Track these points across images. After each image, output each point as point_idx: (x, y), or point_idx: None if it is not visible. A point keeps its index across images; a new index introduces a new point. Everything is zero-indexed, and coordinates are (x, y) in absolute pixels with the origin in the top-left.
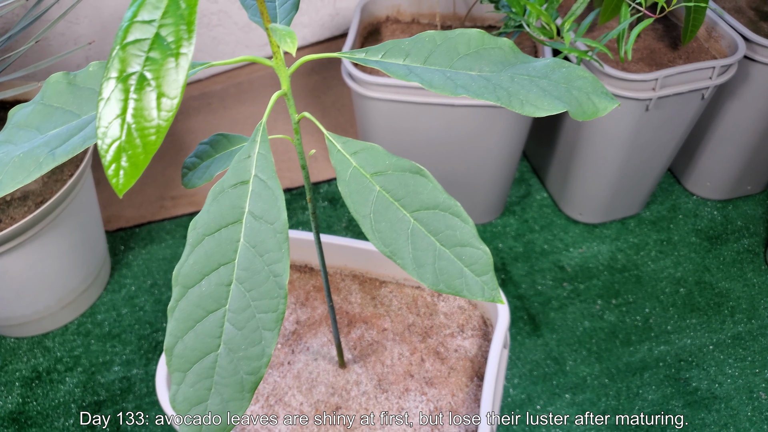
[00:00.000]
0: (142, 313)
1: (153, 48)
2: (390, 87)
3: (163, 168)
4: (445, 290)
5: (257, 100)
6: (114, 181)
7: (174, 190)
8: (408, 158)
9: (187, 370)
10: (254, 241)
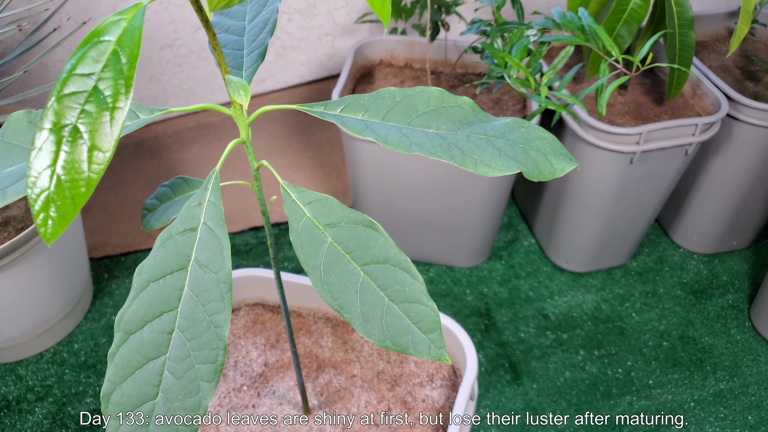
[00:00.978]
0: None
1: (89, 101)
2: None
3: None
4: (391, 347)
5: (252, 134)
6: (42, 230)
7: None
8: (394, 200)
9: (123, 418)
10: (198, 289)
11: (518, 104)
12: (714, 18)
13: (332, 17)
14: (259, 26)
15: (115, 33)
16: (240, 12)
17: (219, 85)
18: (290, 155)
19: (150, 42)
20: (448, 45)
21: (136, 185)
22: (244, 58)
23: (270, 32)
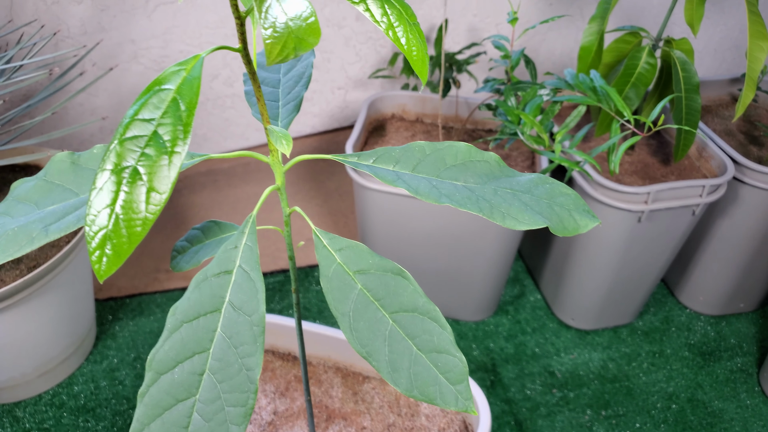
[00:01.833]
0: (121, 388)
1: (149, 145)
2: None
3: (162, 241)
4: (418, 397)
5: (262, 182)
6: (96, 267)
7: (168, 264)
8: (403, 250)
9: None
10: (231, 332)
11: (527, 160)
12: (717, 84)
13: (345, 72)
14: (294, 79)
15: (175, 82)
16: (275, 65)
17: (232, 133)
18: (299, 202)
19: None
20: (459, 102)
21: None
22: (279, 109)
23: (305, 85)
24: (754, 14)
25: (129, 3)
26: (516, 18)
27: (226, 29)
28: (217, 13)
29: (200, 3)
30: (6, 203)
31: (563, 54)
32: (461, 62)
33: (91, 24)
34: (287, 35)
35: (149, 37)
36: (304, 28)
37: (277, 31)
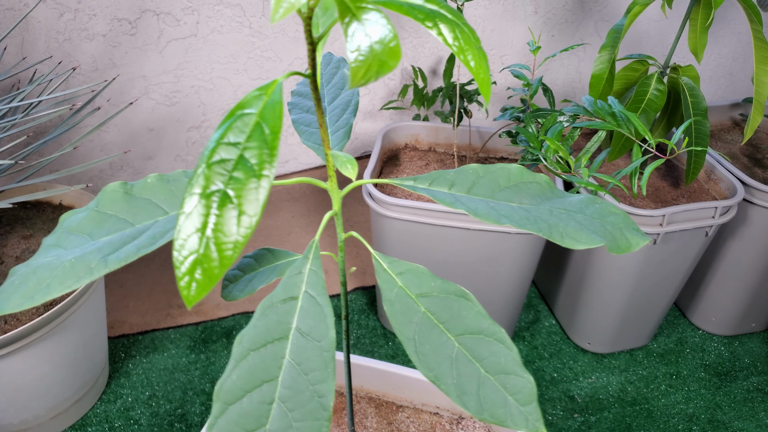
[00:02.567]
0: (137, 427)
1: (237, 168)
2: (408, 208)
3: (173, 276)
4: (489, 420)
5: (272, 214)
6: (185, 293)
7: (181, 299)
8: None
9: None
10: (300, 358)
11: None
12: (719, 109)
13: None
14: (341, 107)
15: (257, 106)
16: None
17: None
18: (311, 234)
19: (178, 123)
20: (471, 131)
21: (155, 263)
22: (330, 136)
23: (353, 113)
24: (760, 40)
25: (141, 39)
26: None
27: (237, 64)
28: (228, 48)
29: (211, 39)
30: (57, 235)
31: (565, 83)
32: (471, 93)
33: (103, 60)
34: (372, 58)
35: (161, 73)
36: (387, 51)
37: (362, 54)
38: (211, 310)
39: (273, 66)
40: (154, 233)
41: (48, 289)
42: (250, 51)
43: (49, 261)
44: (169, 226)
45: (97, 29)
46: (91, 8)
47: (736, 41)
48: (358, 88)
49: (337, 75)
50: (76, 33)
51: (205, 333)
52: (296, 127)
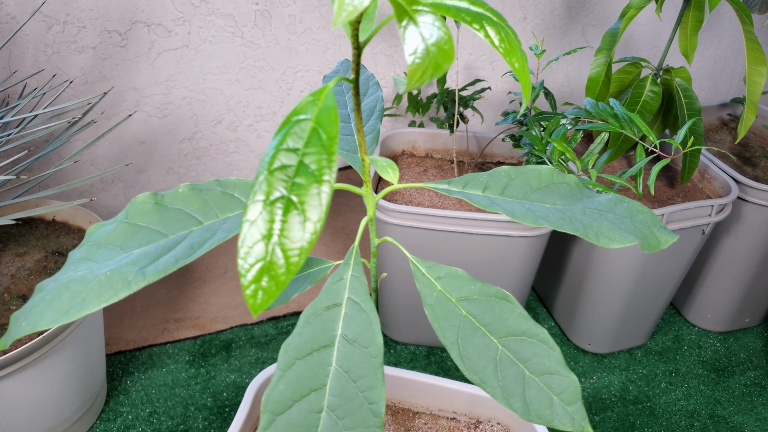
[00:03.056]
0: None
1: (298, 174)
2: (411, 215)
3: (168, 290)
4: (536, 420)
5: None
6: (251, 302)
7: (178, 312)
8: None
9: None
10: (347, 365)
11: None
12: (707, 110)
13: None
14: (367, 113)
15: (312, 111)
16: (339, 101)
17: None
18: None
19: (170, 135)
20: (468, 136)
21: None
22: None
23: (379, 118)
24: (752, 41)
25: (131, 51)
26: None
27: (230, 75)
28: (220, 58)
29: (203, 49)
30: (86, 249)
31: (554, 88)
32: (467, 98)
33: (93, 73)
34: (427, 61)
35: (152, 85)
36: (441, 53)
37: (419, 57)
38: (208, 324)
39: (265, 76)
40: (191, 243)
41: (83, 304)
42: (243, 61)
43: (82, 275)
44: (206, 236)
45: (86, 41)
46: (81, 20)
47: (717, 44)
48: (380, 94)
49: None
50: (65, 46)
51: (203, 347)
52: None
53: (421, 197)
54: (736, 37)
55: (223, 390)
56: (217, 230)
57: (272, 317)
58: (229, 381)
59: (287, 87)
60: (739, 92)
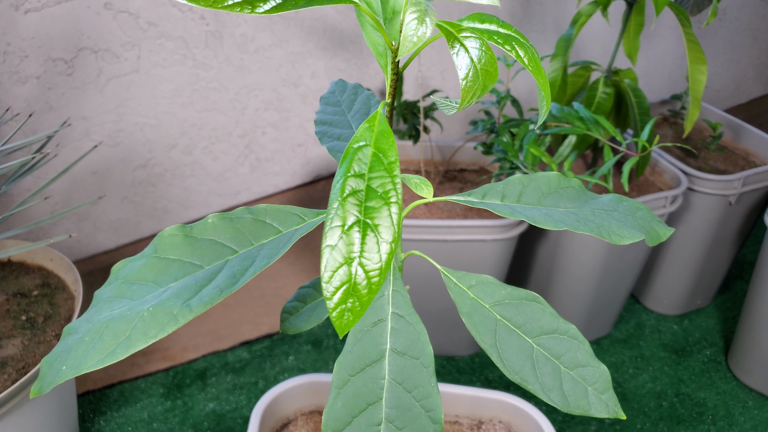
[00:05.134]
0: None
1: (369, 198)
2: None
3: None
4: (575, 411)
5: None
6: (338, 323)
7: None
8: None
9: None
10: (401, 377)
11: None
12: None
13: (304, 129)
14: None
15: (368, 138)
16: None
17: (193, 201)
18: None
19: (123, 163)
20: (432, 146)
21: None
22: None
23: None
24: (692, 42)
25: (79, 79)
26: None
27: (183, 98)
28: (172, 82)
29: (154, 73)
30: (115, 287)
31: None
32: (426, 109)
33: (38, 104)
34: (476, 81)
35: (102, 113)
36: (488, 73)
37: (470, 79)
38: (179, 354)
39: (219, 96)
40: (232, 272)
41: (129, 342)
42: (195, 83)
43: (121, 313)
44: (246, 264)
45: (30, 71)
46: (22, 49)
47: (648, 44)
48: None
49: (358, 101)
50: (7, 77)
51: (177, 378)
52: (334, 155)
53: None
54: (669, 38)
55: (203, 420)
56: (256, 257)
57: (244, 341)
58: (209, 410)
59: (242, 107)
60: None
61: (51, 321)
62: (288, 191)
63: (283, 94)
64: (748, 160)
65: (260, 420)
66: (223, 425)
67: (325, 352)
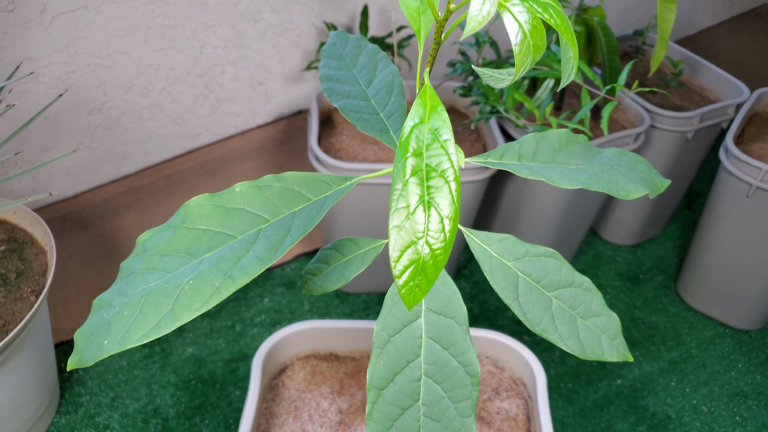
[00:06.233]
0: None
1: (429, 177)
2: (358, 171)
3: (97, 273)
4: (591, 357)
5: (190, 192)
6: (408, 300)
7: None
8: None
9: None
10: (437, 335)
11: (472, 135)
12: None
13: (264, 66)
14: (385, 89)
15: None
16: (347, 77)
17: (153, 145)
18: None
19: (77, 107)
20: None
21: (73, 261)
22: (386, 121)
23: (401, 94)
24: None
25: (21, 16)
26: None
27: (137, 36)
28: (125, 19)
29: (105, 9)
30: (144, 258)
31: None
32: (399, 45)
33: None
34: (527, 45)
35: (50, 53)
36: (537, 35)
37: (520, 44)
38: None
39: (176, 34)
40: (269, 242)
41: (174, 315)
42: (150, 20)
43: (159, 286)
44: (281, 233)
45: None
46: None
47: None
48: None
49: (362, 55)
50: None
51: None
52: (346, 114)
53: (365, 152)
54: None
55: (183, 365)
56: (290, 226)
57: None
58: (188, 355)
59: (200, 45)
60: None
61: (24, 277)
62: (249, 131)
63: (242, 30)
64: (702, 95)
65: (261, 367)
66: (204, 369)
67: (299, 293)
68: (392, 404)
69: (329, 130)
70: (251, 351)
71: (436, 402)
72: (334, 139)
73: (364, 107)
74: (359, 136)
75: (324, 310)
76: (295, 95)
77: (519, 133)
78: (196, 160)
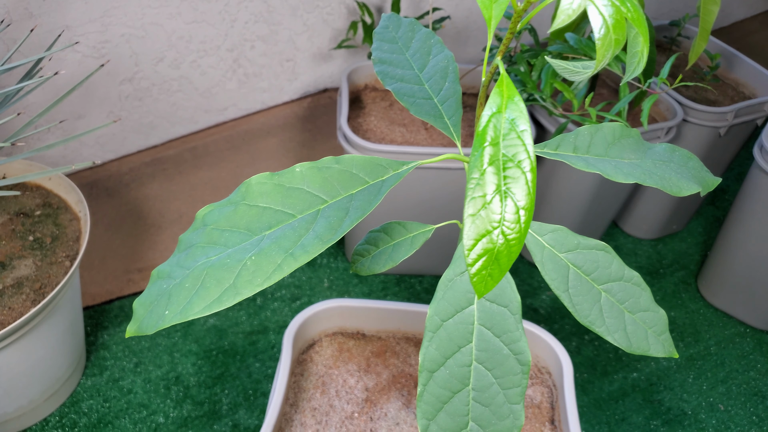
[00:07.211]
0: (133, 396)
1: (506, 167)
2: (384, 152)
3: (122, 240)
4: (636, 351)
5: (214, 165)
6: (480, 288)
7: (139, 263)
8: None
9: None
10: (489, 323)
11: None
12: None
13: (294, 43)
14: (439, 74)
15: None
16: (400, 60)
17: (180, 117)
18: None
19: (109, 77)
20: None
21: (99, 228)
22: (440, 107)
23: (456, 80)
24: None
25: None
26: None
27: (171, 8)
28: None
29: None
30: (204, 233)
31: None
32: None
33: (17, 11)
34: (608, 34)
35: (86, 22)
36: (618, 25)
37: (602, 32)
38: None
39: (208, 7)
40: (329, 223)
41: (236, 289)
42: None
43: (220, 260)
44: (341, 215)
45: None
46: None
47: None
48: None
49: (416, 39)
50: None
51: None
52: (400, 98)
53: (393, 134)
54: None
55: (205, 335)
56: (349, 208)
57: None
58: (209, 325)
59: (231, 19)
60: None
61: (59, 242)
62: (275, 108)
63: (274, 6)
64: (737, 90)
65: (292, 342)
66: (225, 340)
67: (319, 270)
68: (443, 387)
69: (357, 110)
70: (271, 324)
71: (486, 387)
72: (362, 120)
73: (418, 92)
74: (387, 117)
75: (343, 288)
76: (321, 73)
77: (550, 122)
78: (222, 134)
